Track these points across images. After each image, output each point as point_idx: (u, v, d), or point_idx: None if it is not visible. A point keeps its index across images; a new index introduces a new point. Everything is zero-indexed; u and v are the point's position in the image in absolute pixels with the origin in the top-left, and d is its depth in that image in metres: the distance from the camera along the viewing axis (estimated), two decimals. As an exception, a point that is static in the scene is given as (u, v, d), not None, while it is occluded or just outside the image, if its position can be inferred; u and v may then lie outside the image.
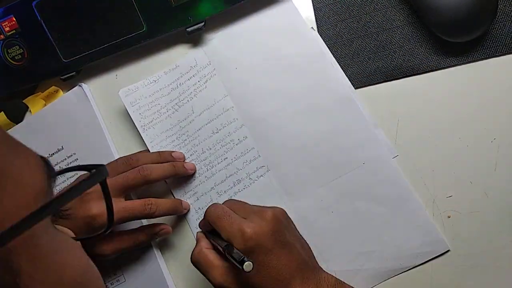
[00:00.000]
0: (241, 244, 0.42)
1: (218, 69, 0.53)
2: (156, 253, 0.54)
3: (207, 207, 0.47)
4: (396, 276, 0.48)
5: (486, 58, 0.47)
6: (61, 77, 0.57)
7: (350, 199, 0.49)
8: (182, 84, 0.54)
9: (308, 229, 0.49)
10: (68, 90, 0.59)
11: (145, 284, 0.54)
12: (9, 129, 0.60)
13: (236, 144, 0.52)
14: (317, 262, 0.47)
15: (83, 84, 0.58)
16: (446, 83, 0.48)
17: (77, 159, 0.57)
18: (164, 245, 0.55)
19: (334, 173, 0.49)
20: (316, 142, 0.50)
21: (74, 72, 0.57)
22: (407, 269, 0.48)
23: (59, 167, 0.57)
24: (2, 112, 0.60)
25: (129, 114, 0.55)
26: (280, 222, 0.44)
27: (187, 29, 0.53)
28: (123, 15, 0.54)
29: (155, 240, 0.53)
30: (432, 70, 0.48)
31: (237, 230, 0.42)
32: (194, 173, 0.53)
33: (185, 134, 0.54)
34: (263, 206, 0.46)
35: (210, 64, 0.53)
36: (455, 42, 0.47)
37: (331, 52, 0.50)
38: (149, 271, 0.54)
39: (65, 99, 0.58)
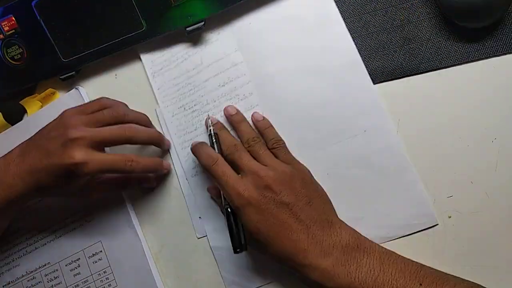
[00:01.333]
0: (237, 203, 0.44)
1: (232, 22, 0.54)
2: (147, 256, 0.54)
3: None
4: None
5: (486, 58, 0.47)
6: (61, 77, 0.57)
7: (347, 164, 0.49)
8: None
9: None
10: (65, 92, 0.58)
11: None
12: (5, 130, 0.59)
13: (241, 99, 0.53)
14: (333, 216, 0.46)
15: (79, 86, 0.58)
16: (446, 83, 0.48)
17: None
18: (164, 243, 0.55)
19: (334, 137, 0.50)
20: (320, 105, 0.50)
21: (74, 72, 0.57)
22: (392, 239, 0.48)
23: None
24: (0, 113, 0.60)
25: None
26: (293, 180, 0.45)
27: (187, 29, 0.53)
28: (123, 15, 0.54)
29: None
30: (432, 70, 0.48)
31: (232, 189, 0.44)
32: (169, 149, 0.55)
33: (192, 83, 0.55)
34: (275, 160, 0.48)
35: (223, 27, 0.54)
36: (456, 41, 0.47)
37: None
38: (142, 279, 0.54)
39: (62, 101, 0.58)
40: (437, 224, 0.47)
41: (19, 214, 0.56)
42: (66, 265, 0.56)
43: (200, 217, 0.53)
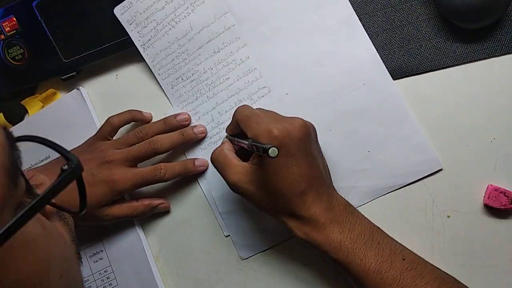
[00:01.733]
0: (266, 141, 0.41)
1: None
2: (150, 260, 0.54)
3: (237, 108, 0.46)
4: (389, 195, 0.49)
5: (486, 58, 0.47)
6: (62, 77, 0.57)
7: (349, 118, 0.49)
8: None
9: None
10: (66, 93, 0.59)
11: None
12: (7, 130, 0.60)
13: (238, 65, 0.52)
14: (332, 182, 0.47)
15: (81, 87, 0.58)
16: (446, 83, 0.48)
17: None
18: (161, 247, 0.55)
19: (334, 93, 0.50)
20: (317, 62, 0.50)
21: (75, 72, 0.57)
22: (400, 186, 0.48)
23: (55, 169, 0.57)
24: (1, 113, 0.60)
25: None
26: (309, 133, 0.44)
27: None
28: (124, 15, 0.54)
29: (154, 213, 0.55)
30: (432, 70, 0.48)
31: (264, 130, 0.42)
32: (205, 136, 0.54)
33: (185, 52, 0.53)
34: (293, 116, 0.46)
35: None
36: (455, 41, 0.47)
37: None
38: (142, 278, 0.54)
39: (63, 101, 0.58)
40: (442, 169, 0.47)
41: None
42: (67, 265, 0.56)
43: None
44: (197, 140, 0.54)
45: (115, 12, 0.54)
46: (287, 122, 0.43)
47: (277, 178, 0.42)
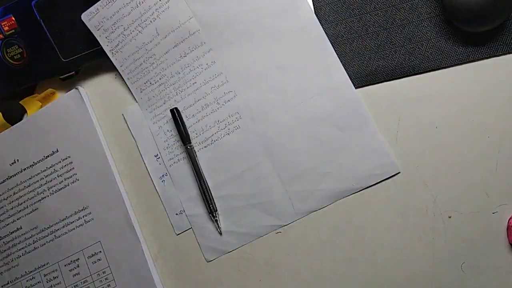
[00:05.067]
0: None
1: None
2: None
3: None
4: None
5: (486, 58, 0.47)
6: (60, 77, 0.57)
7: (311, 124, 0.50)
8: (142, 3, 0.53)
9: (270, 151, 0.51)
10: (65, 92, 0.58)
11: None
12: (5, 130, 0.59)
13: (205, 69, 0.53)
14: None
15: (79, 87, 0.58)
16: (446, 83, 0.48)
17: (72, 162, 0.57)
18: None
19: (297, 99, 0.51)
20: (280, 68, 0.51)
21: (73, 72, 0.57)
22: (359, 189, 0.49)
23: (53, 169, 0.57)
24: (0, 113, 0.60)
25: (126, 120, 0.56)
26: None
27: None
28: (123, 15, 0.54)
29: None
30: (432, 70, 0.48)
31: None
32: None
33: (152, 57, 0.54)
34: None
35: None
36: (456, 41, 0.47)
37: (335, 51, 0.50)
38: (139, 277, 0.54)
39: (61, 101, 0.58)
40: (399, 172, 0.48)
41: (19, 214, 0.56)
42: (65, 265, 0.56)
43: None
44: None
45: (82, 18, 0.55)
46: None
47: None
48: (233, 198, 0.52)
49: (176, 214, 0.54)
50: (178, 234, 0.54)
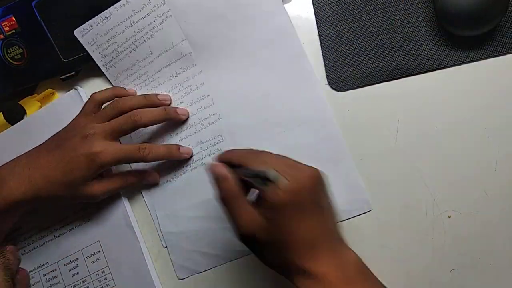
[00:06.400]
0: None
1: (174, 10, 0.53)
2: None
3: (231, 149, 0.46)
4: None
5: (486, 58, 0.47)
6: (61, 77, 0.57)
7: (290, 153, 0.47)
8: (136, 22, 0.54)
9: None
10: (65, 93, 0.58)
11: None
12: (4, 130, 0.59)
13: (193, 90, 0.54)
14: (341, 234, 0.43)
15: (79, 87, 0.58)
16: (446, 83, 0.48)
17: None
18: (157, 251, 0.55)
19: (278, 127, 0.51)
20: (265, 96, 0.51)
21: (74, 72, 0.57)
22: None
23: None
24: (0, 113, 0.60)
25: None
26: (321, 183, 0.41)
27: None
28: (123, 15, 0.54)
29: (143, 184, 0.55)
30: (432, 70, 0.48)
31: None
32: (187, 119, 0.54)
33: (145, 74, 0.55)
34: (298, 162, 0.42)
35: (164, 3, 0.53)
36: (455, 41, 0.47)
37: (332, 52, 0.50)
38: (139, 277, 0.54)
39: (61, 101, 0.58)
40: (371, 210, 0.49)
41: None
42: (64, 265, 0.56)
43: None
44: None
45: (75, 34, 0.55)
46: (299, 170, 0.41)
47: (288, 230, 0.39)
48: (209, 219, 0.52)
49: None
50: (165, 247, 0.55)
